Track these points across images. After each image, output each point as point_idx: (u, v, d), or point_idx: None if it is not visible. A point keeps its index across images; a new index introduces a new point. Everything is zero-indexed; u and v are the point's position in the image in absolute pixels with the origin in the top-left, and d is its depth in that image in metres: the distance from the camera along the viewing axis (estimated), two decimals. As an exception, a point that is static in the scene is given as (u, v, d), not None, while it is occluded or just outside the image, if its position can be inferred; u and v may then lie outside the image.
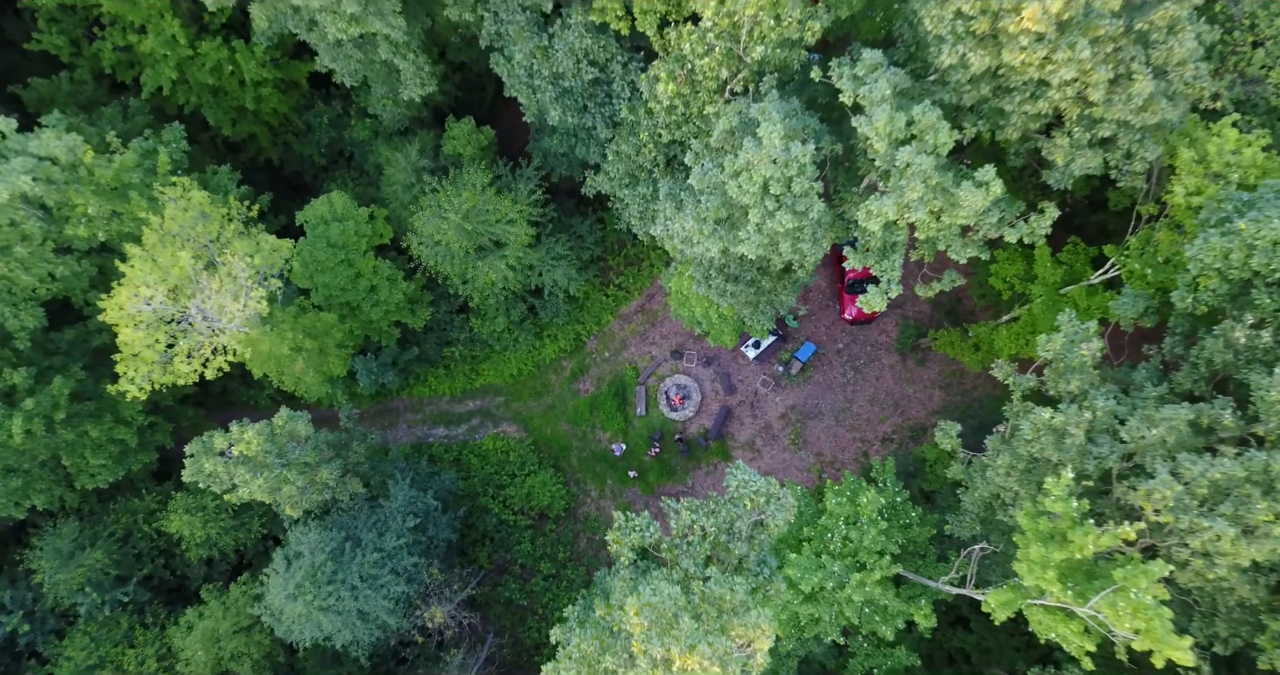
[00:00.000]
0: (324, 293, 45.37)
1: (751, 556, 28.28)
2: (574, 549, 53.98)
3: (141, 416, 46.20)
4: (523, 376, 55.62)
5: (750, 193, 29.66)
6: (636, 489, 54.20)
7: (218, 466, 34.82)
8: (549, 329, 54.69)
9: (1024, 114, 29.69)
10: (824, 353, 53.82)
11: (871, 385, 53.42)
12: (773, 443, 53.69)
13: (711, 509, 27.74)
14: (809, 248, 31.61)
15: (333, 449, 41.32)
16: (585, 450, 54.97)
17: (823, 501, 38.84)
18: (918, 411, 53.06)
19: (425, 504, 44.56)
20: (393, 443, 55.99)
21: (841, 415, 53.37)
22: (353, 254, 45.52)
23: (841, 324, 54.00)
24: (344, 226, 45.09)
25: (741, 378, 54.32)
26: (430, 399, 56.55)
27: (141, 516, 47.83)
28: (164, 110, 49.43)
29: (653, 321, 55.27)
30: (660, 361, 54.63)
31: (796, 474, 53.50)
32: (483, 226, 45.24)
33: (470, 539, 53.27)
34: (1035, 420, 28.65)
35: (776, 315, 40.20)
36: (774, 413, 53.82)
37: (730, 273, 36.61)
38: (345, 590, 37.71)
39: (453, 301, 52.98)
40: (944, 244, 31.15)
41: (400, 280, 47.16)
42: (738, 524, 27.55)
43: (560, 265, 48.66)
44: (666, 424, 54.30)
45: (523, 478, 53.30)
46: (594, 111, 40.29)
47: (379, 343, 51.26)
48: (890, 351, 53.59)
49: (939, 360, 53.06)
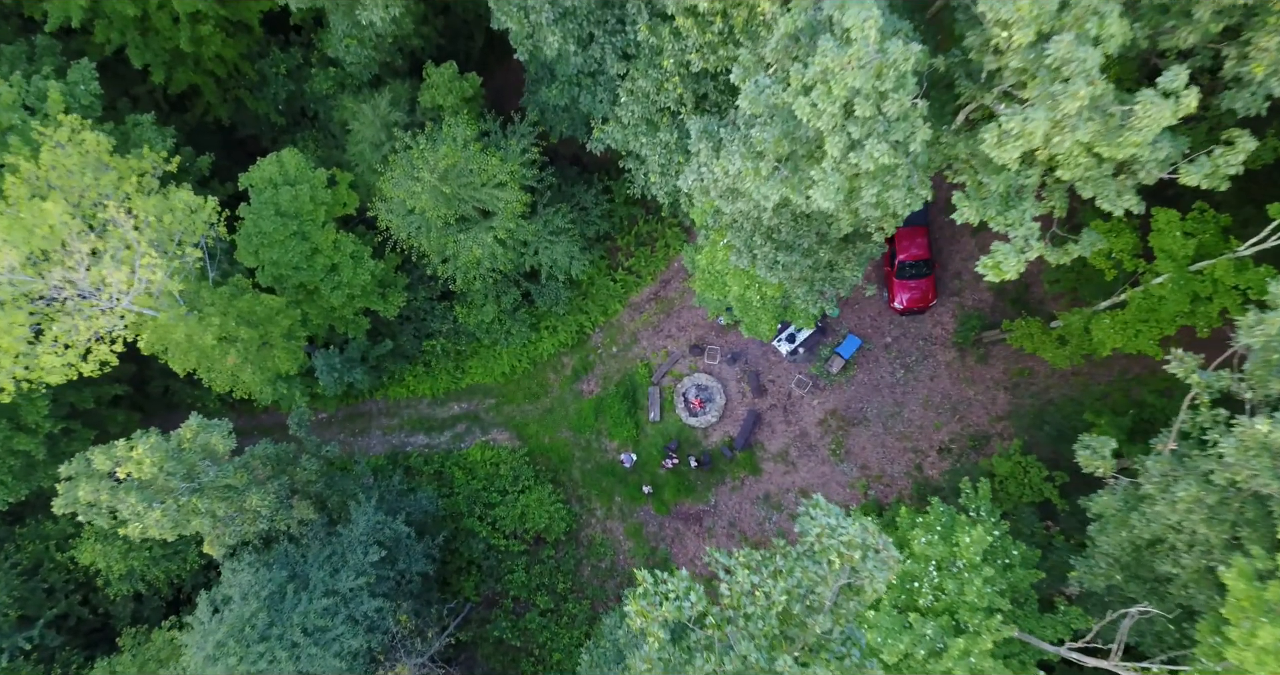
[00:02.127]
0: (272, 271, 36.05)
1: (835, 632, 18.99)
2: (576, 579, 44.59)
3: (50, 422, 36.88)
4: (516, 375, 46.26)
5: (828, 114, 20.39)
6: (650, 508, 44.84)
7: (101, 494, 25.49)
8: (547, 319, 45.31)
9: (1214, 5, 20.42)
10: (870, 348, 44.54)
11: (925, 386, 44.12)
12: (809, 454, 44.39)
13: (780, 567, 18.46)
14: (900, 197, 22.33)
15: (273, 465, 31.98)
16: (589, 462, 45.63)
17: (895, 531, 29.55)
18: (979, 417, 43.78)
19: (394, 530, 35.19)
20: (364, 453, 46.62)
21: (890, 421, 44.07)
22: (308, 225, 36.22)
23: (890, 314, 44.69)
24: (296, 191, 35.81)
25: (773, 377, 45.00)
26: (408, 401, 47.21)
27: (54, 544, 38.41)
28: (86, 54, 39.98)
29: (668, 311, 45.94)
30: (677, 358, 45.33)
31: (838, 491, 44.18)
32: (465, 191, 35.90)
33: (453, 567, 43.92)
34: (1245, 435, 19.33)
35: (837, 297, 30.99)
36: (811, 418, 44.52)
37: (781, 239, 27.31)
38: (282, 649, 28.30)
39: (433, 286, 43.62)
40: (1091, 189, 21.92)
41: (367, 258, 37.85)
42: (819, 589, 18.28)
43: (560, 241, 39.30)
44: (684, 431, 44.98)
45: (515, 495, 43.95)
46: (602, 41, 31.04)
47: (345, 334, 41.95)
48: (947, 346, 44.29)
49: (1004, 356, 43.75)
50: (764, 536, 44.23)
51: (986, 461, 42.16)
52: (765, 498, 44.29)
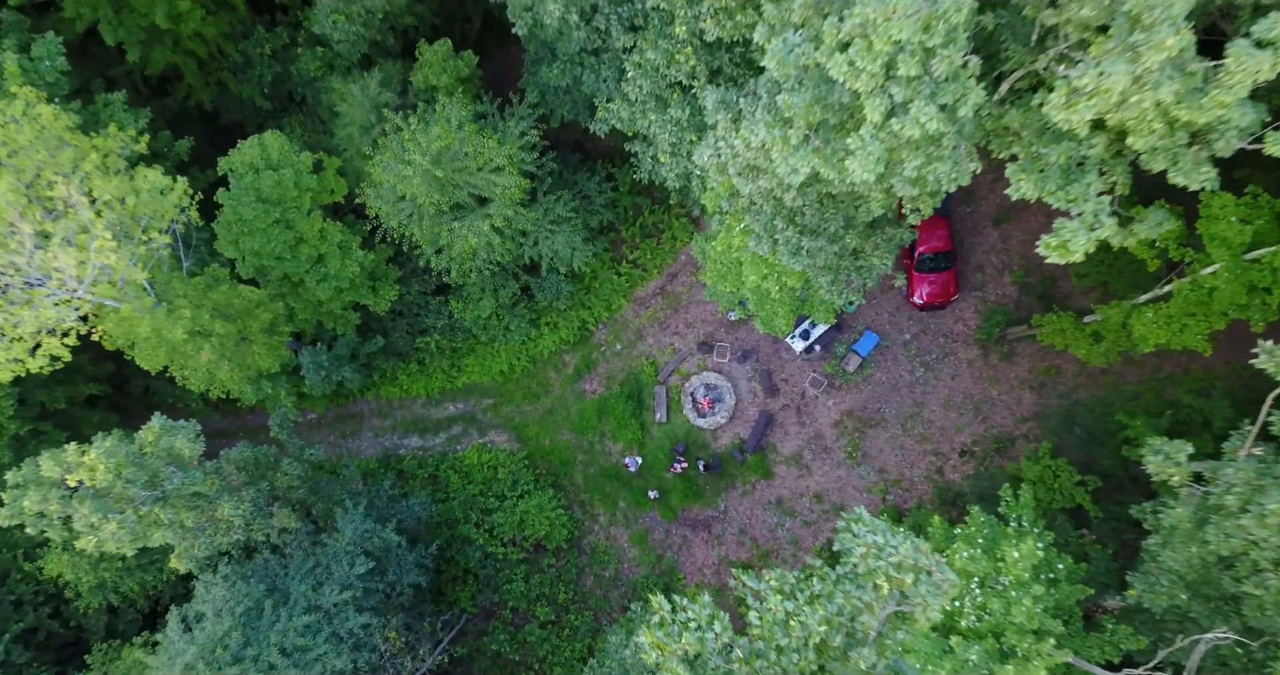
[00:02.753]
0: (253, 262, 33.42)
1: (880, 666, 16.33)
2: (578, 589, 41.92)
3: (16, 424, 34.24)
4: (515, 374, 43.62)
5: (868, 74, 17.75)
6: (656, 514, 42.16)
7: (51, 504, 22.77)
8: (547, 315, 42.68)
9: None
10: (888, 345, 41.92)
11: (946, 385, 41.49)
12: (824, 456, 41.75)
13: (818, 591, 15.82)
14: (946, 171, 19.71)
15: (250, 470, 29.30)
16: (592, 465, 42.99)
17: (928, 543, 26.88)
18: (1003, 418, 41.13)
19: (384, 539, 32.50)
20: (355, 456, 43.95)
21: (910, 422, 41.44)
22: (291, 212, 33.57)
23: (909, 309, 42.06)
24: (280, 176, 33.16)
25: (785, 376, 42.38)
26: (401, 402, 44.54)
27: (21, 553, 35.72)
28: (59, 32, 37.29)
29: (675, 306, 43.32)
30: (685, 356, 42.70)
31: (854, 496, 41.53)
32: (460, 176, 33.27)
33: (448, 576, 41.22)
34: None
35: (864, 287, 28.33)
36: (826, 419, 41.89)
37: (805, 223, 24.67)
38: (258, 671, 25.63)
39: (427, 280, 40.96)
40: (1163, 161, 19.28)
41: (356, 248, 35.20)
42: (862, 618, 15.64)
43: (561, 231, 36.65)
44: (692, 433, 42.34)
45: (514, 500, 41.26)
46: (607, 11, 28.42)
47: (333, 331, 39.30)
48: (969, 344, 41.66)
49: (1029, 354, 41.13)
50: (776, 544, 41.58)
51: (1013, 465, 39.57)
52: (778, 503, 41.65)
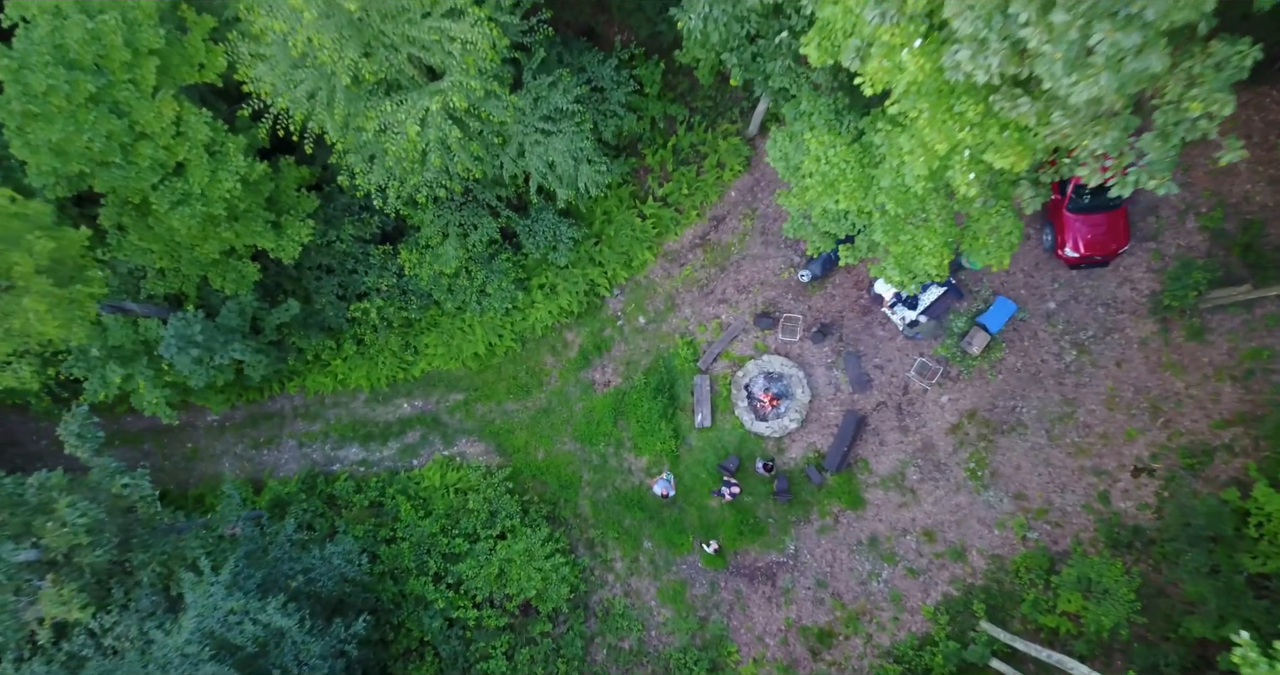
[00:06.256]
0: (50, 165, 19.49)
1: None
2: (584, 668, 27.94)
3: None
4: (495, 358, 29.73)
5: None
6: (697, 559, 28.32)
7: None
8: (541, 274, 28.73)
9: None
10: (1025, 318, 28.20)
11: (1109, 374, 27.75)
12: (937, 476, 27.95)
13: None
14: None
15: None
16: (604, 488, 29.08)
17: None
18: (1195, 420, 27.40)
19: (266, 623, 18.65)
20: (272, 472, 30.00)
21: (1058, 427, 27.69)
22: (122, 90, 19.67)
23: (1054, 266, 28.37)
24: (98, 24, 19.29)
25: (881, 361, 28.61)
26: (337, 397, 30.57)
27: None
28: None
29: (723, 262, 29.48)
30: (736, 332, 28.88)
31: (981, 532, 27.69)
32: (393, 25, 19.36)
33: (399, 649, 27.23)
34: None
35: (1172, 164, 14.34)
36: (939, 423, 28.11)
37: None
38: None
39: (366, 221, 26.98)
40: None
41: (234, 154, 21.27)
42: None
43: (562, 132, 22.74)
44: (748, 442, 28.48)
45: (491, 541, 27.23)
46: None
47: (221, 289, 25.33)
48: (1141, 315, 27.93)
49: (1229, 330, 27.43)
50: (870, 602, 27.76)
51: (1231, 492, 25.51)
52: (871, 543, 27.86)
